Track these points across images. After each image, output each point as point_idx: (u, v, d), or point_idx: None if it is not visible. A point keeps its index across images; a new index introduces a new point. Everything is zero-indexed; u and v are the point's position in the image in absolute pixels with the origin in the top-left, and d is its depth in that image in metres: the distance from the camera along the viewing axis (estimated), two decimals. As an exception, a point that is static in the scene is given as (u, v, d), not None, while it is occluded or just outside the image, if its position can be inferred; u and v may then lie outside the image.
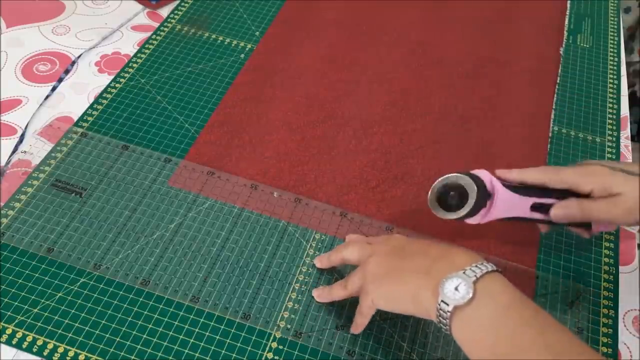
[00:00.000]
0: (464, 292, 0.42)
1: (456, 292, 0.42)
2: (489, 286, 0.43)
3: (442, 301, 0.43)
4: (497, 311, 0.42)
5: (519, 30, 0.87)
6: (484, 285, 0.43)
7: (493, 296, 0.42)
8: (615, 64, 0.83)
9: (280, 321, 0.53)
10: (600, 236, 0.63)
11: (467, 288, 0.42)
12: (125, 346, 0.51)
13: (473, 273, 0.43)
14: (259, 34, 0.81)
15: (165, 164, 0.64)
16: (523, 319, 0.41)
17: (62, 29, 0.79)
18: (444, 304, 0.42)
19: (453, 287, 0.42)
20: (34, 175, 0.61)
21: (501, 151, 0.70)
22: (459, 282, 0.42)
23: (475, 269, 0.43)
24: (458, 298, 0.42)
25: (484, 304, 0.42)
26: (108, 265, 0.55)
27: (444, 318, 0.43)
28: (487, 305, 0.42)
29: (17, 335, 0.50)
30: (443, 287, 0.43)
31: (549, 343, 0.40)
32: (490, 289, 0.43)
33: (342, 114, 0.72)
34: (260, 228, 0.60)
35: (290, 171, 0.65)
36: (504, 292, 0.43)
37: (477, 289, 0.42)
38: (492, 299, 0.42)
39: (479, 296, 0.42)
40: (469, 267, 0.44)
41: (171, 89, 0.73)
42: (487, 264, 0.44)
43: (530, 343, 0.40)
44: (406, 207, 0.63)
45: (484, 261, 0.45)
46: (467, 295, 0.42)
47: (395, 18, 0.87)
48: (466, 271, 0.43)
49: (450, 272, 0.43)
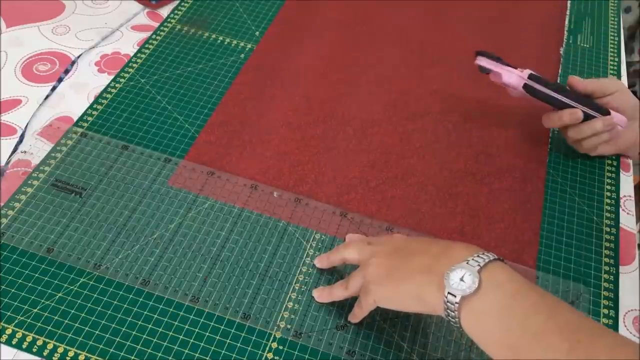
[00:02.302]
0: (470, 281, 0.42)
1: (462, 283, 0.42)
2: (494, 274, 0.43)
3: (448, 293, 0.42)
4: (505, 299, 0.42)
5: (519, 30, 0.87)
6: (489, 274, 0.43)
7: (499, 284, 0.42)
8: (615, 64, 0.83)
9: (280, 321, 0.53)
10: (600, 236, 0.63)
11: (472, 277, 0.42)
12: (125, 346, 0.51)
13: (476, 262, 0.43)
14: (259, 34, 0.81)
15: (165, 164, 0.64)
16: (531, 304, 0.41)
17: (62, 29, 0.79)
18: (451, 296, 0.42)
19: (458, 278, 0.42)
20: (33, 175, 0.61)
21: (501, 151, 0.70)
22: (464, 273, 0.43)
23: (478, 258, 0.44)
24: (464, 288, 0.42)
25: (491, 292, 0.42)
26: (108, 265, 0.55)
27: (452, 310, 0.43)
28: (494, 294, 0.42)
29: (17, 335, 0.50)
30: (448, 279, 0.43)
31: (560, 325, 0.40)
32: (495, 277, 0.43)
33: (342, 114, 0.72)
34: (260, 228, 0.60)
35: (290, 171, 0.65)
36: (509, 279, 0.43)
37: (482, 278, 0.42)
38: (498, 287, 0.42)
39: (484, 285, 0.42)
40: (471, 257, 0.44)
41: (171, 89, 0.73)
42: (489, 253, 0.44)
43: (542, 327, 0.40)
44: (406, 207, 0.63)
45: (484, 251, 0.45)
46: (473, 285, 0.42)
47: (395, 18, 0.87)
48: (469, 261, 0.43)
49: (453, 265, 0.44)
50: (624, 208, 0.66)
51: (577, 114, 0.64)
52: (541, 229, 0.63)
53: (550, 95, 0.64)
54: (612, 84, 0.67)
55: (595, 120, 0.64)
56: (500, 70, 0.65)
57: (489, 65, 0.65)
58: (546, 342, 0.39)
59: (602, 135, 0.65)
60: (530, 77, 0.64)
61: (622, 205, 0.67)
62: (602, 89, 0.66)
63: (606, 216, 0.65)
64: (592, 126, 0.64)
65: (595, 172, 0.69)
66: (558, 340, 0.39)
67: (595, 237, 0.63)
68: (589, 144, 0.67)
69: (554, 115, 0.66)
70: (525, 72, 0.64)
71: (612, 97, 0.66)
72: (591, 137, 0.66)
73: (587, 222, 0.64)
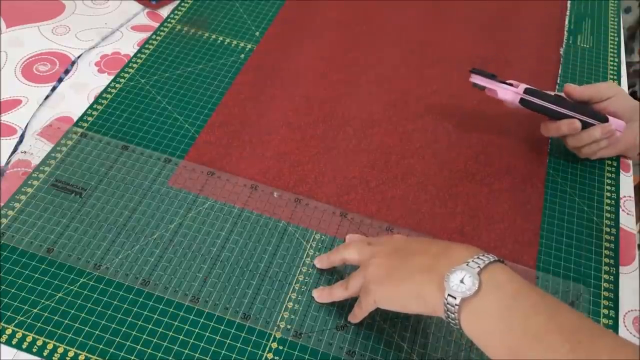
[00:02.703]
0: (470, 283, 0.42)
1: (462, 285, 0.42)
2: (494, 276, 0.43)
3: (448, 295, 0.42)
4: (505, 300, 0.42)
5: (519, 30, 0.87)
6: (489, 275, 0.43)
7: (499, 285, 0.42)
8: (615, 64, 0.83)
9: (280, 321, 0.53)
10: (600, 236, 0.63)
11: (472, 279, 0.42)
12: (125, 346, 0.51)
13: (476, 264, 0.43)
14: (259, 34, 0.81)
15: (165, 164, 0.64)
16: (531, 305, 0.41)
17: (62, 29, 0.79)
18: (451, 298, 0.42)
19: (458, 280, 0.42)
20: (33, 176, 0.61)
21: (501, 151, 0.70)
22: (464, 275, 0.43)
23: (478, 260, 0.43)
24: (464, 290, 0.42)
25: (491, 294, 0.42)
26: (108, 266, 0.55)
27: (452, 312, 0.43)
28: (494, 295, 0.42)
29: (17, 335, 0.50)
30: (448, 281, 0.43)
31: (561, 326, 0.40)
32: (495, 278, 0.43)
33: (342, 114, 0.72)
34: (260, 228, 0.60)
35: (290, 171, 0.65)
36: (509, 280, 0.43)
37: (482, 280, 0.42)
38: (498, 288, 0.42)
39: (484, 287, 0.42)
40: (471, 259, 0.44)
41: (171, 89, 0.73)
42: (489, 255, 0.44)
43: (543, 328, 0.40)
44: (406, 207, 0.63)
45: (484, 252, 0.45)
46: (474, 287, 0.42)
47: (395, 18, 0.87)
48: (469, 263, 0.43)
49: (453, 266, 0.44)
50: (624, 208, 0.66)
51: (575, 124, 0.64)
52: (541, 229, 0.63)
53: (548, 107, 0.64)
54: (608, 88, 0.67)
55: (593, 128, 0.64)
56: (495, 87, 0.65)
57: (483, 82, 0.65)
58: (547, 342, 0.39)
59: (601, 142, 0.66)
60: (526, 92, 0.64)
61: (622, 205, 0.67)
62: (599, 94, 0.66)
63: (606, 216, 0.65)
64: (591, 134, 0.65)
65: (595, 172, 0.69)
66: (559, 340, 0.39)
67: (595, 237, 0.63)
68: (588, 151, 0.67)
69: (552, 125, 0.66)
70: (521, 87, 0.65)
71: (610, 101, 0.66)
72: (591, 145, 0.66)
73: (587, 222, 0.64)
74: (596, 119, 0.65)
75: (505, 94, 0.65)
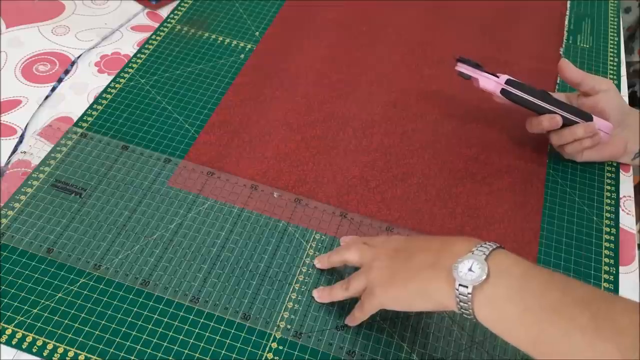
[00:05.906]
0: (480, 270, 0.42)
1: (471, 273, 0.42)
2: (500, 261, 0.43)
3: (460, 285, 0.42)
4: (517, 282, 0.42)
5: (519, 30, 0.87)
6: (495, 261, 0.43)
7: (507, 270, 0.42)
8: (615, 64, 0.83)
9: (280, 321, 0.53)
10: (600, 236, 0.63)
11: (481, 267, 0.42)
12: (125, 347, 0.51)
13: (481, 252, 0.43)
14: (259, 34, 0.81)
15: (165, 164, 0.64)
16: (543, 282, 0.41)
17: (62, 29, 0.79)
18: (462, 288, 0.42)
19: (467, 269, 0.42)
20: (33, 176, 0.61)
21: (501, 151, 0.70)
22: (472, 263, 0.43)
23: (482, 248, 0.44)
24: (475, 278, 0.42)
25: (502, 278, 0.42)
26: (108, 266, 0.55)
27: (465, 302, 0.42)
28: (504, 279, 0.42)
29: (17, 335, 0.50)
30: (457, 271, 0.43)
31: (576, 297, 0.40)
32: (502, 263, 0.43)
33: (342, 114, 0.72)
34: (260, 228, 0.60)
35: (290, 171, 0.65)
36: (515, 263, 0.43)
37: (490, 266, 0.42)
38: (507, 272, 0.42)
39: (493, 273, 0.42)
40: (475, 247, 0.44)
41: (171, 89, 0.73)
42: (490, 243, 0.44)
43: (559, 301, 0.40)
44: (406, 208, 0.63)
45: (484, 241, 0.45)
46: (483, 274, 0.42)
47: (395, 18, 0.87)
48: (474, 251, 0.43)
49: (456, 259, 0.44)
50: (623, 208, 0.66)
51: (556, 119, 0.64)
52: (541, 229, 0.63)
53: (529, 100, 0.64)
54: (602, 81, 0.66)
55: (576, 126, 0.64)
56: (477, 76, 0.65)
57: (467, 71, 0.65)
58: (567, 314, 0.39)
59: (584, 141, 0.65)
60: (508, 83, 0.64)
61: (622, 205, 0.67)
62: (591, 83, 0.66)
63: (606, 216, 0.65)
64: (573, 132, 0.64)
65: (595, 172, 0.69)
66: (578, 310, 0.39)
67: (595, 237, 0.63)
68: (571, 150, 0.66)
69: (534, 120, 0.66)
70: (503, 78, 0.64)
71: (600, 97, 0.65)
72: (573, 143, 0.65)
73: (587, 222, 0.64)
74: (581, 117, 0.64)
75: (487, 83, 0.65)
